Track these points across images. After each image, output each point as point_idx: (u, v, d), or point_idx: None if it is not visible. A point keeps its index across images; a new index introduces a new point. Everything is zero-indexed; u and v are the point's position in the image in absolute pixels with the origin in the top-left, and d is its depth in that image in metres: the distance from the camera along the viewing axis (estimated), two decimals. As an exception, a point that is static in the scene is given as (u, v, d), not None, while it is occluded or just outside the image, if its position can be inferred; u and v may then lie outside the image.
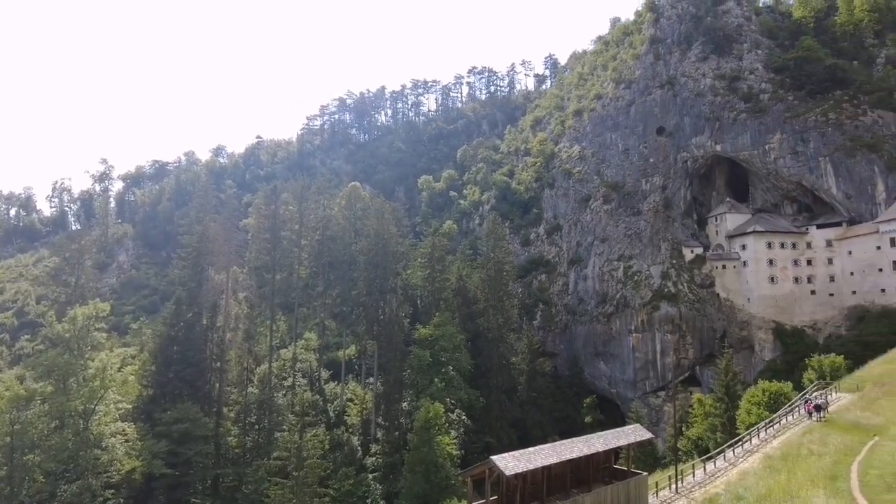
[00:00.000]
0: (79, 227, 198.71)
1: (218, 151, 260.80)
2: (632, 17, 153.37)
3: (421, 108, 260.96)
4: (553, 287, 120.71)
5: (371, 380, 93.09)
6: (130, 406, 73.61)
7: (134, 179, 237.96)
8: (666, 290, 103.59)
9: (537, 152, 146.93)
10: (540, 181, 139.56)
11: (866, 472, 30.35)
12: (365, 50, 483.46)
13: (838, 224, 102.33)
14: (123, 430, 66.29)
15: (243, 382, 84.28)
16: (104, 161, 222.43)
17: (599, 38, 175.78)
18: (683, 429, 75.83)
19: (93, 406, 62.29)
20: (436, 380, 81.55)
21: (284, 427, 76.74)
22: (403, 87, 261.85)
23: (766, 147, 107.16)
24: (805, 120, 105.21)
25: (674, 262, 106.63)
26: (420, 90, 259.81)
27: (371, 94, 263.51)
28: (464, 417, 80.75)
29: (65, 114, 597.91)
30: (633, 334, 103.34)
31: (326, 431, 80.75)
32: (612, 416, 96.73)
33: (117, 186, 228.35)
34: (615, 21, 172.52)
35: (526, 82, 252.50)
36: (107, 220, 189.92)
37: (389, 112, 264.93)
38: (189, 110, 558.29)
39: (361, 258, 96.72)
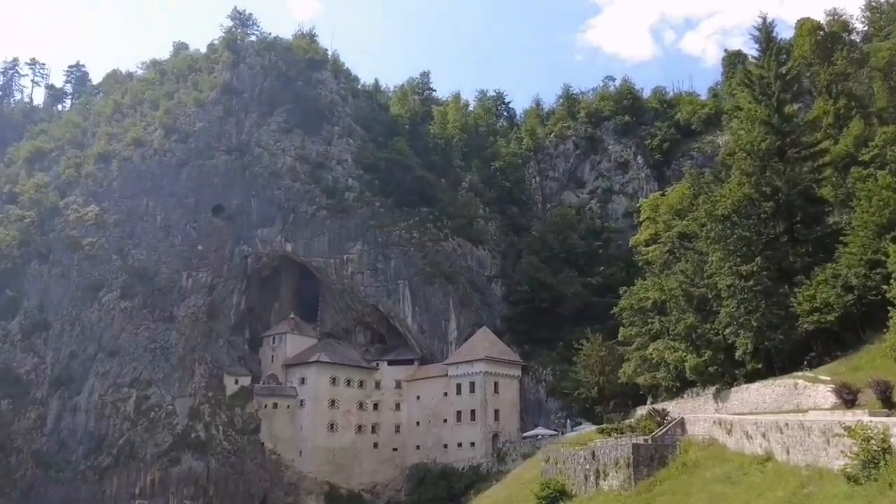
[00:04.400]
0: None
1: None
2: (203, 50, 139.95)
3: None
4: (19, 421, 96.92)
5: None
6: None
7: None
8: (194, 435, 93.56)
9: (30, 201, 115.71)
10: (27, 247, 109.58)
11: None
12: None
13: (411, 362, 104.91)
14: None
15: None
16: None
17: (155, 62, 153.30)
18: None
19: None
20: None
21: None
22: None
23: (346, 257, 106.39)
24: (389, 233, 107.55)
25: (210, 395, 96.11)
26: None
27: None
28: None
29: None
30: (137, 501, 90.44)
31: None
32: None
33: None
34: (180, 47, 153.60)
35: (33, 92, 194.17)
36: None
37: None
38: None
39: None
